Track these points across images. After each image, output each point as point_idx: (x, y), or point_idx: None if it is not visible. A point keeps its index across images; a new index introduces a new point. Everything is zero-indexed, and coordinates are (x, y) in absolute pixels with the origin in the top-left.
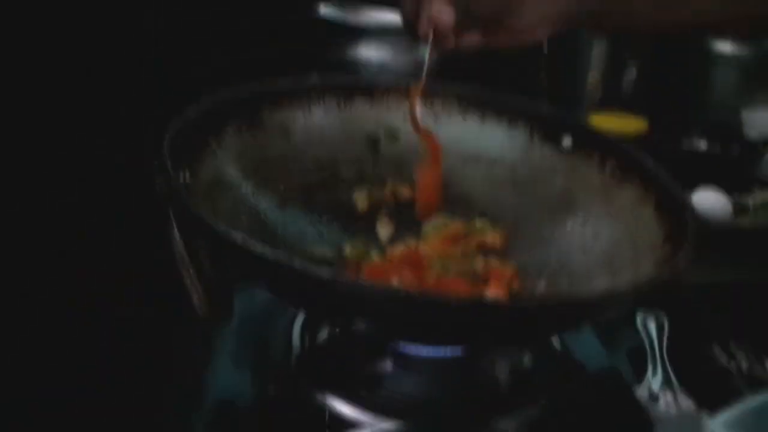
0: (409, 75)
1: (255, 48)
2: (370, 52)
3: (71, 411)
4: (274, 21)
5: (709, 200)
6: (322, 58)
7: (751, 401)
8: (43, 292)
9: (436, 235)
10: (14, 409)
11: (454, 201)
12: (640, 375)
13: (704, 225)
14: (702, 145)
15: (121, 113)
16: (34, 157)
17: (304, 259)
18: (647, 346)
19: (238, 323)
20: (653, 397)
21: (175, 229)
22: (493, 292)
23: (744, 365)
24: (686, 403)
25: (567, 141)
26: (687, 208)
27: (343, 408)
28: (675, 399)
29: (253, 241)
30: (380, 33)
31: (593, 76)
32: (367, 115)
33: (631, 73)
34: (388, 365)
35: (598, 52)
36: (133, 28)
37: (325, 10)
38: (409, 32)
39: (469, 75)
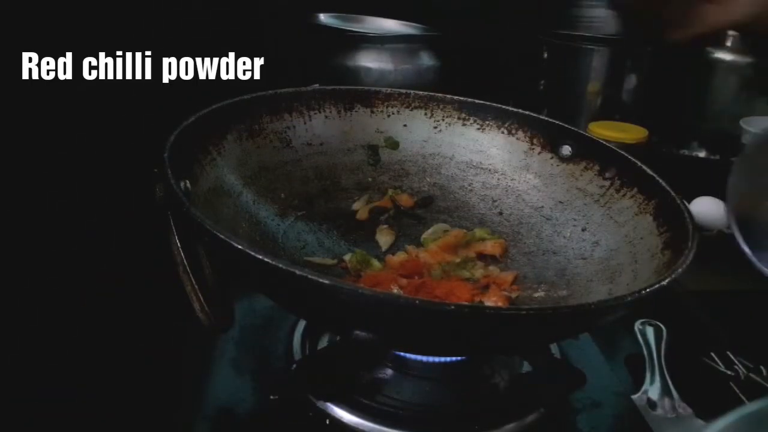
0: (408, 83)
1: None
2: (370, 61)
3: (71, 416)
4: (275, 29)
5: (708, 208)
6: (322, 67)
7: (749, 408)
8: (46, 298)
9: (435, 243)
10: (14, 409)
11: (453, 209)
12: (638, 382)
13: (703, 233)
14: (701, 153)
15: (122, 120)
16: (35, 165)
17: (305, 267)
18: (645, 354)
19: (239, 330)
20: (651, 404)
21: (176, 237)
22: (493, 299)
23: (742, 372)
24: (684, 410)
25: (566, 149)
26: (686, 216)
27: (344, 414)
28: (673, 406)
29: (254, 249)
30: (380, 41)
31: (593, 85)
32: (367, 123)
33: (630, 82)
34: (388, 372)
35: (597, 61)
36: (135, 36)
37: (325, 18)
38: None
39: (469, 83)
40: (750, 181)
